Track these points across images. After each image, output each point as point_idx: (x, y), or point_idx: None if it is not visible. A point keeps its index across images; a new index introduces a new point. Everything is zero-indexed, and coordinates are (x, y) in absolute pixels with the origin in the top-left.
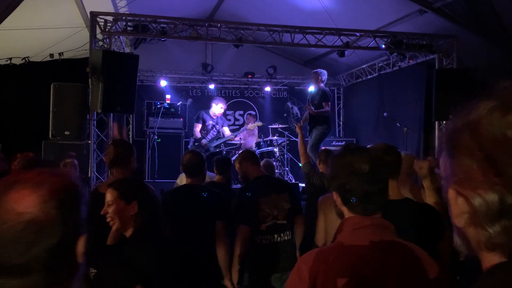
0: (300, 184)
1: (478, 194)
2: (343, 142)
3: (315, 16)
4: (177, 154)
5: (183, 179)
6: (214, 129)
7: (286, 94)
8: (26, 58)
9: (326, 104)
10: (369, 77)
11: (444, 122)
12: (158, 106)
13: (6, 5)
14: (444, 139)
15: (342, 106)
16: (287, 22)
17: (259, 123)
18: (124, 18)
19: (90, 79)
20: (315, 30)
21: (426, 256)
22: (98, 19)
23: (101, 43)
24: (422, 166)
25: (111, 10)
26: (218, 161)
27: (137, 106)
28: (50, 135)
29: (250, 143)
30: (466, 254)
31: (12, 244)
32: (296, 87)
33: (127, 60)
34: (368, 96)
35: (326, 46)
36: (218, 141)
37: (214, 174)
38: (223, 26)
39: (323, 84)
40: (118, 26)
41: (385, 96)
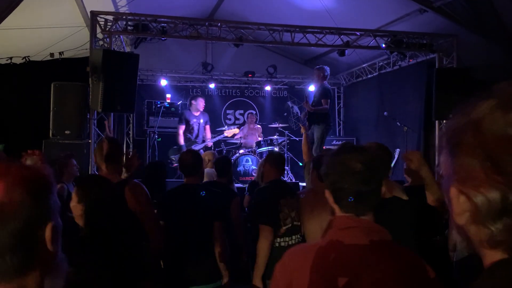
0: (300, 183)
1: (480, 193)
2: (343, 141)
3: (315, 15)
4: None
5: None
6: (198, 127)
7: (286, 94)
8: (27, 58)
9: (325, 101)
10: (369, 76)
11: (444, 121)
12: (159, 106)
13: (7, 4)
14: (445, 138)
15: (342, 105)
16: (287, 21)
17: (236, 130)
18: (124, 17)
19: (90, 79)
20: (315, 30)
21: (419, 262)
22: (98, 19)
23: (101, 43)
24: (412, 158)
25: (112, 9)
26: (218, 162)
27: (137, 105)
28: (51, 135)
29: (251, 142)
30: (457, 256)
31: None
32: (296, 86)
33: (128, 59)
34: (368, 95)
35: (326, 46)
36: (196, 147)
37: (211, 169)
38: (223, 26)
39: (325, 80)
40: (118, 26)
41: (385, 95)
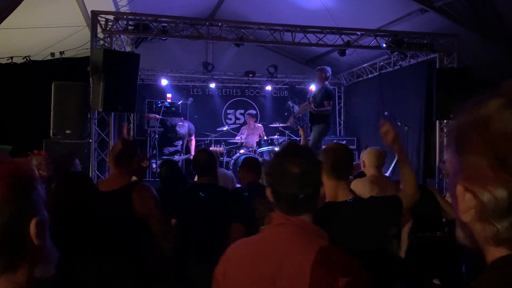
0: None
1: (487, 190)
2: (344, 141)
3: (316, 15)
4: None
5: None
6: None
7: (287, 93)
8: (27, 57)
9: (328, 103)
10: (370, 76)
11: (445, 121)
12: (159, 105)
13: (7, 4)
14: (452, 136)
15: (343, 105)
16: (288, 21)
17: (222, 149)
18: (125, 17)
19: (91, 78)
20: (316, 29)
21: (347, 261)
22: (99, 18)
23: (102, 42)
24: (387, 130)
25: (112, 9)
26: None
27: (138, 105)
28: (51, 134)
29: (252, 142)
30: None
31: None
32: (297, 86)
33: (128, 59)
34: (369, 95)
35: (327, 45)
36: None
37: (228, 172)
38: (224, 25)
39: (327, 81)
40: (119, 25)
41: (386, 95)
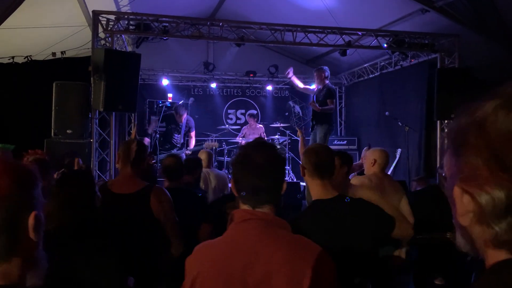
0: (301, 183)
1: (485, 191)
2: (345, 141)
3: (317, 15)
4: None
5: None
6: (181, 132)
7: (287, 93)
8: (29, 57)
9: (331, 101)
10: (371, 76)
11: (446, 121)
12: (160, 105)
13: (8, 4)
14: (449, 138)
15: (343, 105)
16: (289, 21)
17: (216, 144)
18: (126, 17)
19: (92, 78)
20: (317, 29)
21: (317, 253)
22: (100, 18)
23: (103, 42)
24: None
25: (113, 9)
26: (188, 160)
27: (139, 105)
28: (52, 134)
29: None
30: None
31: None
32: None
33: (129, 59)
34: (369, 95)
35: (328, 45)
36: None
37: (221, 172)
38: (225, 25)
39: (328, 80)
40: (120, 25)
41: (386, 95)
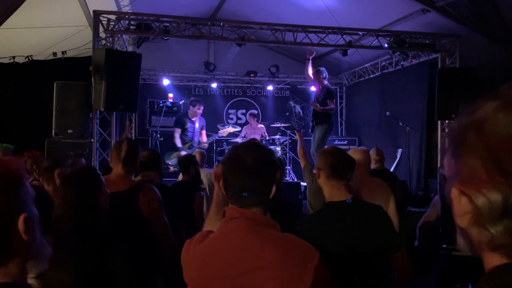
0: (302, 183)
1: (481, 194)
2: (346, 141)
3: (318, 15)
4: None
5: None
6: (193, 132)
7: (288, 93)
8: (29, 57)
9: (331, 101)
10: (371, 76)
11: (446, 121)
12: (161, 105)
13: (9, 4)
14: (448, 139)
15: (344, 105)
16: (290, 21)
17: (230, 129)
18: (127, 17)
19: (93, 78)
20: (318, 29)
21: (305, 250)
22: (101, 18)
23: (104, 42)
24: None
25: (114, 9)
26: (181, 160)
27: (139, 104)
28: (53, 134)
29: None
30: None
31: None
32: (298, 86)
33: (130, 58)
34: (370, 95)
35: (328, 45)
36: (191, 149)
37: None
38: (226, 25)
39: (326, 81)
40: (121, 25)
41: (387, 95)
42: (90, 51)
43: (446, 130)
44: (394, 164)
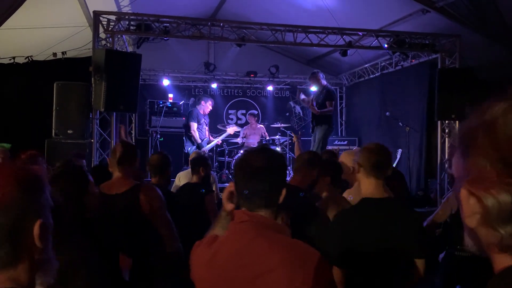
0: None
1: (491, 194)
2: (346, 142)
3: (318, 15)
4: (179, 153)
5: (181, 178)
6: (205, 127)
7: (288, 94)
8: (29, 57)
9: (330, 103)
10: (371, 76)
11: (446, 121)
12: (161, 105)
13: (9, 4)
14: (458, 139)
15: (344, 106)
16: (290, 21)
17: (235, 127)
18: (127, 17)
19: (93, 78)
20: (318, 30)
21: (311, 254)
22: (101, 18)
23: (104, 42)
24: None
25: (114, 9)
26: (191, 161)
27: (139, 105)
28: (53, 134)
29: (253, 143)
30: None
31: None
32: (298, 86)
33: (130, 59)
34: (370, 95)
35: (328, 46)
36: (210, 145)
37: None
38: (226, 26)
39: (325, 82)
40: (121, 25)
41: (387, 95)
42: (90, 52)
43: (447, 130)
44: (394, 164)
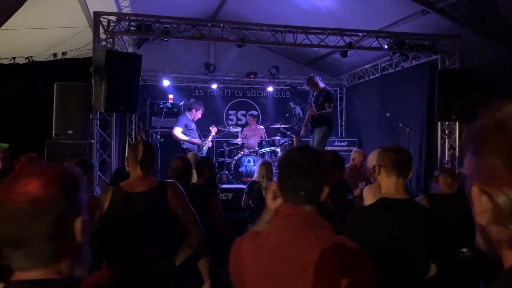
0: None
1: (502, 192)
2: (345, 143)
3: (318, 16)
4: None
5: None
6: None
7: (288, 94)
8: (30, 58)
9: (329, 105)
10: (371, 77)
11: (446, 122)
12: (161, 106)
13: (9, 5)
14: (469, 137)
15: (344, 106)
16: (290, 22)
17: (215, 129)
18: (127, 18)
19: (93, 79)
20: (318, 30)
21: (354, 250)
22: (101, 19)
23: (104, 43)
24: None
25: (114, 10)
26: (195, 163)
27: (139, 105)
28: (53, 135)
29: (253, 143)
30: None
31: (16, 218)
32: (298, 87)
33: (130, 59)
34: (370, 96)
35: (328, 46)
36: (205, 149)
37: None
38: (226, 26)
39: (322, 83)
40: (121, 26)
41: (387, 96)
42: (90, 52)
43: (447, 131)
44: None
